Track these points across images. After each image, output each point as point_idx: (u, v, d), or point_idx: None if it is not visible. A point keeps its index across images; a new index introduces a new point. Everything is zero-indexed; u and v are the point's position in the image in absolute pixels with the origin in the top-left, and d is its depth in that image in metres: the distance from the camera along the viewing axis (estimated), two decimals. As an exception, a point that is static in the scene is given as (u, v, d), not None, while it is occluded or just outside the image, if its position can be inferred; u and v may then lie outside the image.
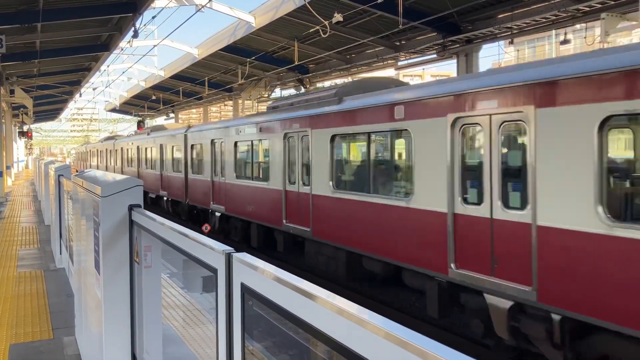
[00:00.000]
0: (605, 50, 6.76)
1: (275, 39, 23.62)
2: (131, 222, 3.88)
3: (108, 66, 35.03)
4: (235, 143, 15.74)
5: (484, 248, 7.52)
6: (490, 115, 7.47)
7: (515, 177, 7.28)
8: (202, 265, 2.39)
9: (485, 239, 7.51)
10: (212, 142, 17.41)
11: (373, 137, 10.19)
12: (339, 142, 11.33)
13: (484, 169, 7.55)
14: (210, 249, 2.30)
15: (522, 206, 7.02)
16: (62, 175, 9.77)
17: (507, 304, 7.22)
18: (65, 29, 21.02)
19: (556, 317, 6.60)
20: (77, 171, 8.73)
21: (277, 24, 21.25)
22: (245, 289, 1.98)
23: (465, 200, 7.90)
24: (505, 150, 7.47)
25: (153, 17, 25.25)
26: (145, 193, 24.19)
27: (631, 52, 5.97)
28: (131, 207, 3.91)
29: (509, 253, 7.15)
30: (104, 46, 24.67)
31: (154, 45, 30.07)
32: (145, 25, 25.51)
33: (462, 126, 7.98)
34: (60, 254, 10.23)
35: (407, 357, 1.19)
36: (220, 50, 26.08)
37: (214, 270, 2.22)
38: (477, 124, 7.73)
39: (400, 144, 10.12)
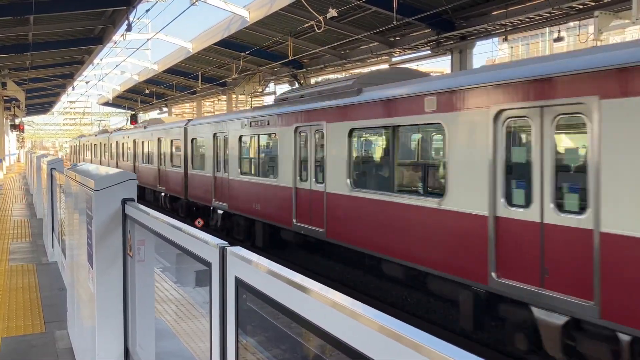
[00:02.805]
0: None
1: (269, 34, 23.56)
2: (124, 216, 3.87)
3: (101, 59, 34.82)
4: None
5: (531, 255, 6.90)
6: (542, 107, 6.77)
7: (573, 176, 6.75)
8: (196, 259, 2.39)
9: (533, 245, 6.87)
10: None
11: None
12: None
13: (534, 167, 6.89)
14: (205, 243, 2.30)
15: (581, 210, 6.39)
16: (55, 168, 9.73)
17: (560, 319, 6.60)
18: (58, 21, 20.88)
19: (625, 337, 5.96)
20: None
21: (272, 18, 21.19)
22: (239, 283, 1.98)
23: (509, 202, 7.21)
24: (560, 146, 6.95)
25: (147, 11, 25.06)
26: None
27: None
28: (125, 201, 3.90)
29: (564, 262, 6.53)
30: (97, 39, 24.52)
31: (148, 39, 29.90)
32: (138, 18, 25.35)
33: (506, 120, 7.32)
34: (53, 247, 10.20)
35: (401, 350, 1.20)
36: (214, 44, 25.97)
37: (208, 264, 2.23)
38: (525, 116, 7.06)
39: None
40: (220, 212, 16.64)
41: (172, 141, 21.16)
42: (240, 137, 15.26)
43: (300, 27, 21.10)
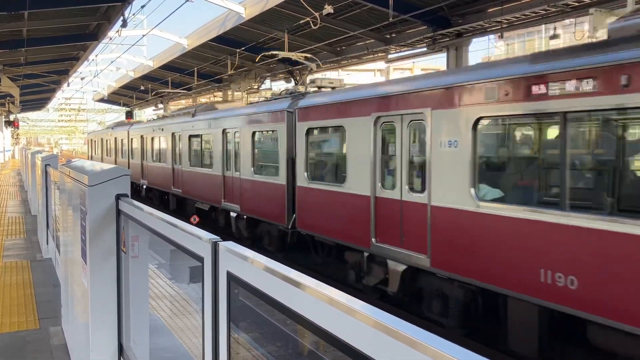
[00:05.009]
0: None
1: (265, 30, 23.52)
2: (118, 212, 3.87)
3: (96, 55, 34.74)
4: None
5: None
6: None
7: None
8: (188, 254, 2.39)
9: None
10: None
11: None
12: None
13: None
14: (197, 238, 2.30)
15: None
16: (49, 165, 9.70)
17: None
18: (52, 17, 20.78)
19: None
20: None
21: (268, 15, 21.15)
22: (231, 277, 1.98)
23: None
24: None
25: (142, 7, 24.92)
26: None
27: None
28: (118, 197, 3.89)
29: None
30: (92, 35, 24.41)
31: (143, 35, 29.81)
32: (134, 14, 25.22)
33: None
34: (47, 244, 10.17)
35: (397, 346, 1.20)
36: (210, 40, 25.91)
37: (201, 259, 2.23)
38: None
39: None
40: None
41: None
42: None
43: (296, 24, 21.06)
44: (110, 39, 26.11)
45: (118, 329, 3.95)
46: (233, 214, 15.06)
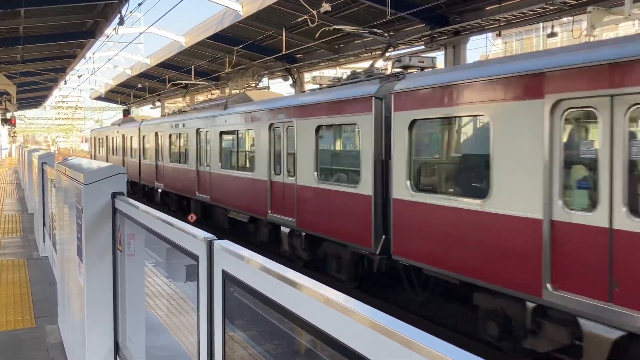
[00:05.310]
0: None
1: (262, 28, 23.49)
2: (114, 210, 3.85)
3: (94, 53, 34.58)
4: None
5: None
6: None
7: None
8: (184, 252, 2.38)
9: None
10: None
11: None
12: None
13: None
14: (193, 237, 2.30)
15: None
16: (46, 163, 9.67)
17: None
18: (49, 14, 20.72)
19: None
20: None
21: (265, 12, 21.12)
22: (226, 276, 1.98)
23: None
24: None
25: (139, 4, 24.97)
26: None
27: None
28: (114, 195, 3.88)
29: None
30: (89, 33, 24.34)
31: (140, 33, 29.75)
32: (131, 12, 25.19)
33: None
34: (44, 242, 10.14)
35: (393, 347, 1.19)
36: (207, 38, 25.88)
37: (196, 258, 2.23)
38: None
39: None
40: None
41: None
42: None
43: (293, 22, 21.03)
44: (108, 36, 26.05)
45: (114, 327, 3.94)
46: (285, 229, 12.36)
